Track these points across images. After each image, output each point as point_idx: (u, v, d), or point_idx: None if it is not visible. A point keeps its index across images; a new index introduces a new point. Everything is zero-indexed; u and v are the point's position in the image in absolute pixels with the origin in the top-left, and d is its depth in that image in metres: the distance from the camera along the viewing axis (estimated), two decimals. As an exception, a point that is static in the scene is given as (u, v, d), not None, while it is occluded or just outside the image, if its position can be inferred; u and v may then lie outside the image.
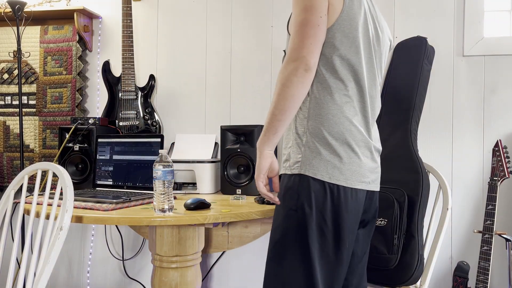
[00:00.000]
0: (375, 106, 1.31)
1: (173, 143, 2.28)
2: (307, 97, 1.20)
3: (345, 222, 1.16)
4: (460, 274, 1.92)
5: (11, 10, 2.20)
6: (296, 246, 1.15)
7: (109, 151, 2.00)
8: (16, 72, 2.47)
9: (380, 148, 1.33)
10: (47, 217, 1.46)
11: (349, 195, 1.17)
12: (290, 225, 1.17)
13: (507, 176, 1.90)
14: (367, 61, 1.25)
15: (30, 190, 2.38)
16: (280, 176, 1.26)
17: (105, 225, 2.44)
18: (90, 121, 2.15)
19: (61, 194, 1.46)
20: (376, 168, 1.28)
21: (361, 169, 1.20)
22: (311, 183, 1.15)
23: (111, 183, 1.96)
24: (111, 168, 1.98)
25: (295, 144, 1.21)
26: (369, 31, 1.25)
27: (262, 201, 1.68)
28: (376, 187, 1.28)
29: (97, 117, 2.23)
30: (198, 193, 2.00)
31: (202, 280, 2.21)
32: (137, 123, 2.29)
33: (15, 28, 2.25)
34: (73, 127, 2.11)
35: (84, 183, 2.10)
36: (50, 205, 1.51)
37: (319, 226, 1.14)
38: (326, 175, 1.15)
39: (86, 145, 2.11)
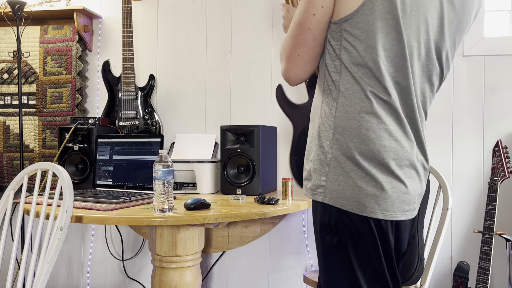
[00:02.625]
0: (426, 102, 1.07)
1: (173, 143, 2.28)
2: (333, 101, 1.00)
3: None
4: (460, 274, 1.91)
5: (11, 10, 2.20)
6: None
7: (109, 151, 2.00)
8: (16, 72, 2.47)
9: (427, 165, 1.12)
10: (47, 217, 1.45)
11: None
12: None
13: (507, 176, 1.90)
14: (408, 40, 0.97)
15: (30, 190, 2.38)
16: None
17: (105, 225, 2.44)
18: (90, 121, 2.15)
19: (61, 194, 1.45)
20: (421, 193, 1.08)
21: (405, 195, 0.99)
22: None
23: (111, 183, 1.96)
24: (111, 168, 1.97)
25: (317, 160, 1.01)
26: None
27: (262, 201, 1.68)
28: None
29: (97, 117, 2.23)
30: (198, 193, 2.00)
31: (202, 280, 2.21)
32: (137, 123, 2.29)
33: (15, 28, 2.25)
34: (73, 127, 2.11)
35: (84, 183, 2.10)
36: (50, 205, 1.51)
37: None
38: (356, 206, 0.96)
39: (86, 145, 2.11)
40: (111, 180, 1.97)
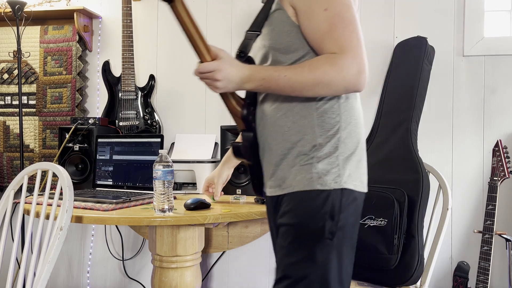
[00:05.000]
0: None
1: (173, 143, 2.28)
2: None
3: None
4: (460, 274, 1.92)
5: (11, 10, 2.20)
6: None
7: (109, 151, 2.00)
8: (16, 72, 2.47)
9: None
10: (47, 217, 1.45)
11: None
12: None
13: (507, 176, 1.90)
14: None
15: (30, 190, 2.38)
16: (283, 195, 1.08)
17: (105, 225, 2.44)
18: (90, 121, 2.15)
19: (61, 194, 1.46)
20: None
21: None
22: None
23: (111, 183, 1.96)
24: (111, 168, 1.97)
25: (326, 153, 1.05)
26: None
27: (262, 201, 1.68)
28: None
29: (97, 117, 2.23)
30: (198, 193, 2.00)
31: (202, 280, 2.20)
32: (137, 123, 2.29)
33: (15, 28, 2.25)
34: (73, 127, 2.11)
35: (84, 183, 2.10)
36: (50, 205, 1.51)
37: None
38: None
39: (86, 145, 2.11)
40: (111, 180, 1.97)
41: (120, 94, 2.30)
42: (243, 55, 1.14)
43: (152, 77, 2.36)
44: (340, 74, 0.97)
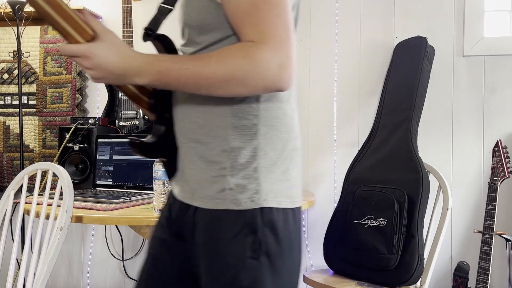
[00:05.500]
0: None
1: (173, 143, 2.27)
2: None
3: None
4: (460, 274, 1.92)
5: (11, 10, 2.20)
6: None
7: (109, 151, 2.00)
8: (16, 72, 2.47)
9: None
10: (47, 217, 1.45)
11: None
12: None
13: (507, 176, 1.90)
14: None
15: (30, 190, 2.37)
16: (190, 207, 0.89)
17: (105, 225, 2.44)
18: (90, 121, 2.15)
19: (61, 194, 1.46)
20: None
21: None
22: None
23: (111, 183, 1.96)
24: (111, 168, 1.97)
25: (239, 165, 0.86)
26: None
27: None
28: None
29: (97, 117, 2.23)
30: (198, 193, 1.99)
31: (202, 280, 2.20)
32: (137, 123, 2.29)
33: (15, 28, 2.25)
34: (73, 127, 2.11)
35: (84, 183, 2.09)
36: (50, 205, 1.51)
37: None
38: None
39: (86, 145, 2.11)
40: (111, 180, 1.97)
41: (120, 94, 2.30)
42: (151, 33, 0.93)
43: (152, 77, 2.36)
44: (257, 69, 0.76)
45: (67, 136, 2.11)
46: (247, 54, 0.77)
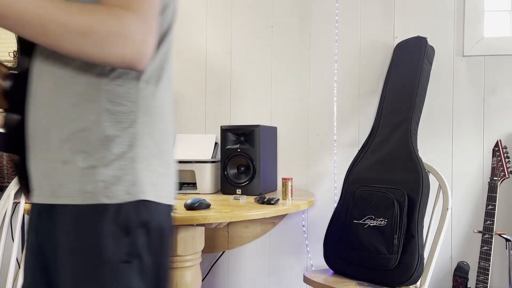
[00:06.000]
0: None
1: (173, 143, 2.27)
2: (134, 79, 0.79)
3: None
4: (460, 274, 1.92)
5: (11, 10, 2.20)
6: None
7: (109, 151, 1.99)
8: (16, 72, 2.47)
9: None
10: (47, 217, 1.45)
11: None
12: None
13: (507, 176, 1.90)
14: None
15: (30, 190, 2.38)
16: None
17: (105, 225, 2.43)
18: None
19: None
20: None
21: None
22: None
23: (111, 183, 1.96)
24: (111, 168, 1.97)
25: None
26: None
27: (262, 201, 1.68)
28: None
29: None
30: (198, 193, 2.00)
31: (202, 280, 2.21)
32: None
33: (15, 28, 2.25)
34: (73, 127, 2.11)
35: (84, 183, 2.09)
36: (50, 205, 1.51)
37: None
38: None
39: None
40: (111, 180, 1.97)
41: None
42: None
43: (152, 77, 2.36)
44: (123, 32, 0.68)
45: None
46: (116, 15, 0.68)
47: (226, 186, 1.96)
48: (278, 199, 1.69)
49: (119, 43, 0.69)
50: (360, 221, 1.82)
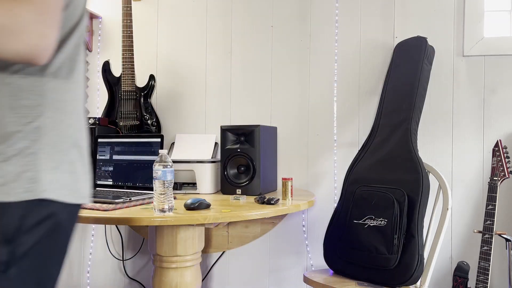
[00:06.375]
0: None
1: (173, 143, 2.28)
2: (43, 72, 0.76)
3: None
4: (460, 274, 1.92)
5: (11, 10, 2.20)
6: None
7: (109, 151, 2.00)
8: (16, 72, 2.46)
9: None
10: (47, 217, 1.45)
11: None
12: None
13: (507, 176, 1.90)
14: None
15: (30, 190, 2.38)
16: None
17: (105, 225, 2.44)
18: (90, 121, 2.15)
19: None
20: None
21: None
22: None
23: (111, 183, 1.96)
24: (111, 168, 1.98)
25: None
26: None
27: (262, 201, 1.68)
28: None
29: (97, 117, 2.23)
30: (198, 193, 2.00)
31: (202, 280, 2.21)
32: (137, 123, 2.29)
33: (15, 28, 2.25)
34: (73, 127, 2.11)
35: (84, 183, 2.09)
36: (50, 205, 1.51)
37: None
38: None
39: (86, 145, 2.11)
40: (111, 180, 1.97)
41: (120, 94, 2.30)
42: None
43: (152, 77, 2.36)
44: (14, 25, 0.64)
45: (67, 136, 2.10)
46: (8, 7, 0.64)
47: (226, 186, 1.96)
48: (278, 199, 1.69)
49: (11, 37, 0.65)
50: (360, 221, 1.82)
